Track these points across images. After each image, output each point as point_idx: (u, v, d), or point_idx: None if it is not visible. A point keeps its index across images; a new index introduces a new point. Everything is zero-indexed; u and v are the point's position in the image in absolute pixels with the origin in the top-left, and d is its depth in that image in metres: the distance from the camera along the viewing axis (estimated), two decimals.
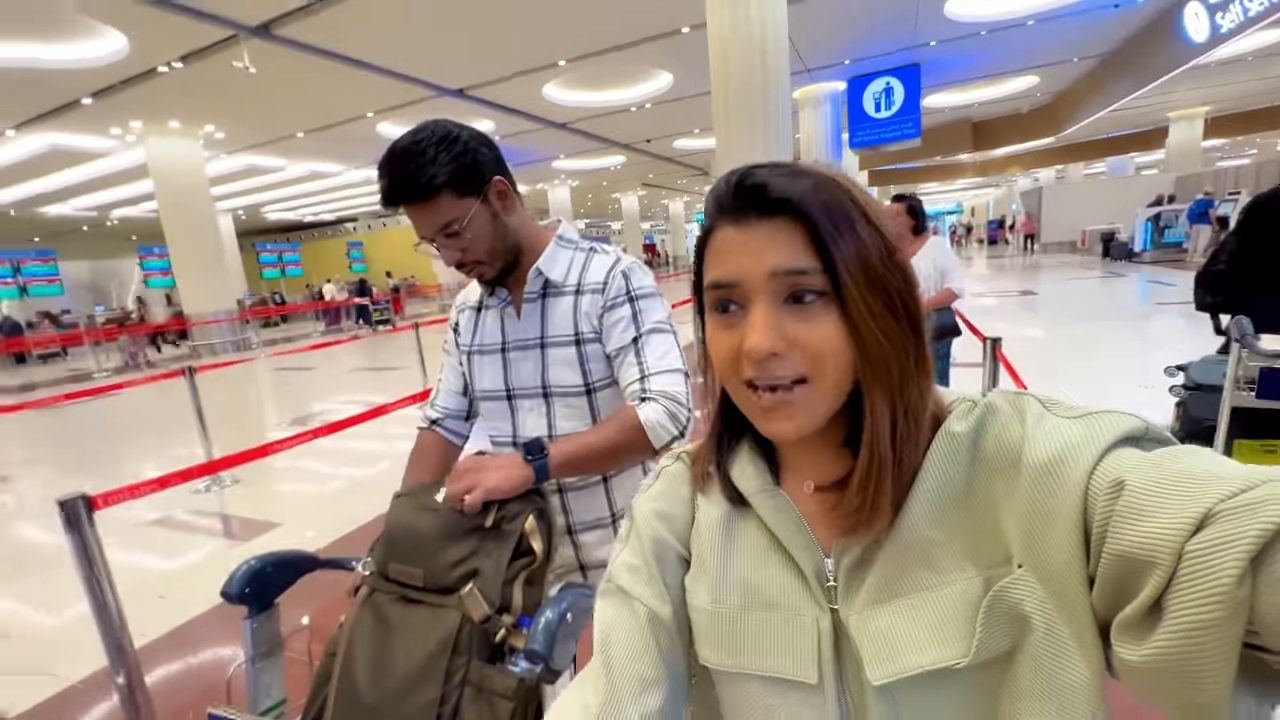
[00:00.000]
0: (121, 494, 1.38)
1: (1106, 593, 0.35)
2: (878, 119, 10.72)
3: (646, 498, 0.56)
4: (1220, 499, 0.30)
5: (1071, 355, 5.43)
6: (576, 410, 1.01)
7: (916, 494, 0.43)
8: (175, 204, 10.52)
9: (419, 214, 0.89)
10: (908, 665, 0.41)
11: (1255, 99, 16.01)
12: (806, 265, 0.41)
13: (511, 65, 9.01)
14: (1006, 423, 0.42)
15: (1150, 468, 0.34)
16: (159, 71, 7.74)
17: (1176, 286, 9.07)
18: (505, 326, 1.04)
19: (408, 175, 0.87)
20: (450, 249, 0.92)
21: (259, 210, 20.27)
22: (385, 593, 0.86)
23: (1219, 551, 0.29)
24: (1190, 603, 0.30)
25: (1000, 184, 32.01)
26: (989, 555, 0.41)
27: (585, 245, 1.06)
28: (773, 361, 0.42)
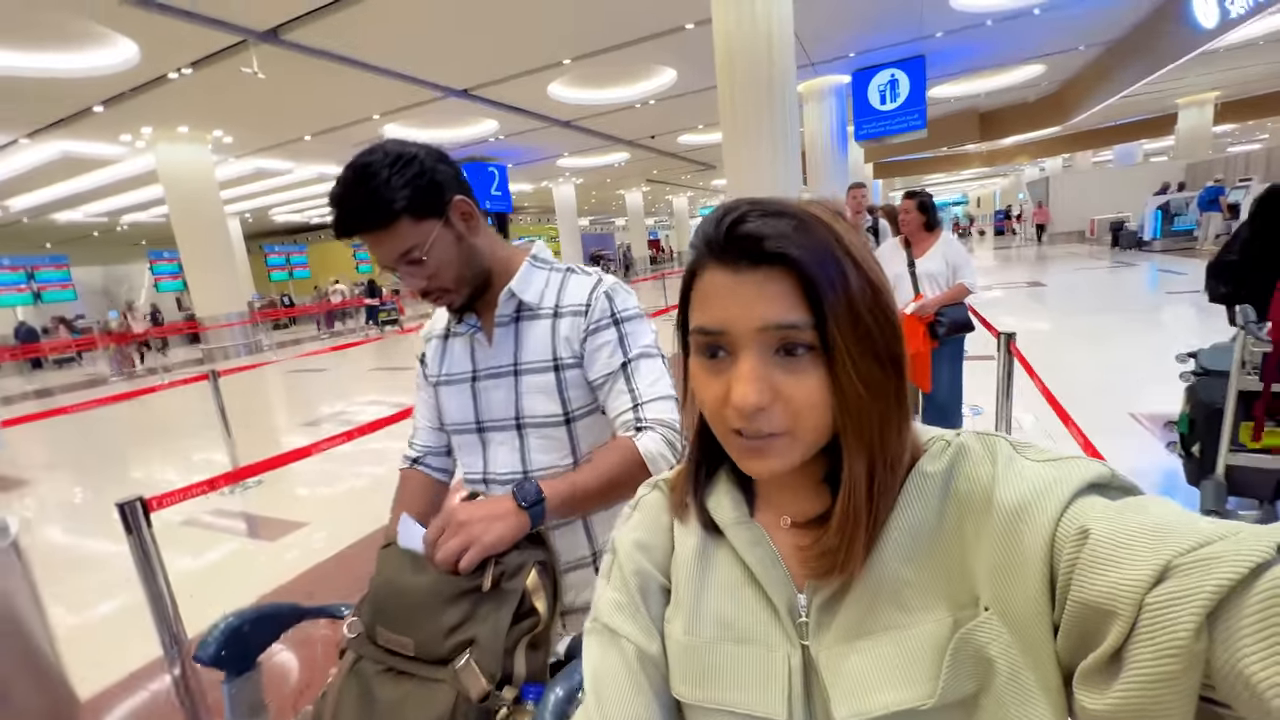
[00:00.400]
0: (174, 495, 1.44)
1: (1070, 640, 0.36)
2: (883, 111, 10.69)
3: (627, 529, 0.55)
4: (1178, 553, 0.31)
5: (1080, 347, 5.43)
6: (553, 442, 0.94)
7: (889, 533, 0.43)
8: (185, 208, 10.64)
9: (376, 243, 0.83)
10: (874, 705, 0.41)
11: (1266, 83, 15.82)
12: (798, 320, 0.41)
13: (516, 65, 9.04)
14: (977, 463, 0.43)
15: (1115, 517, 0.35)
16: (169, 78, 7.82)
17: (1188, 275, 9.03)
18: (475, 354, 0.97)
19: (360, 202, 0.81)
20: (414, 277, 0.86)
21: (266, 213, 20.44)
22: (372, 660, 0.76)
23: (1176, 606, 0.30)
24: (1149, 655, 0.30)
25: (1007, 174, 31.79)
26: (958, 596, 0.41)
27: (561, 266, 1.00)
28: (758, 415, 0.42)
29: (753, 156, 6.08)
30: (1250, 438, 2.13)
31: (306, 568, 2.77)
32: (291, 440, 5.18)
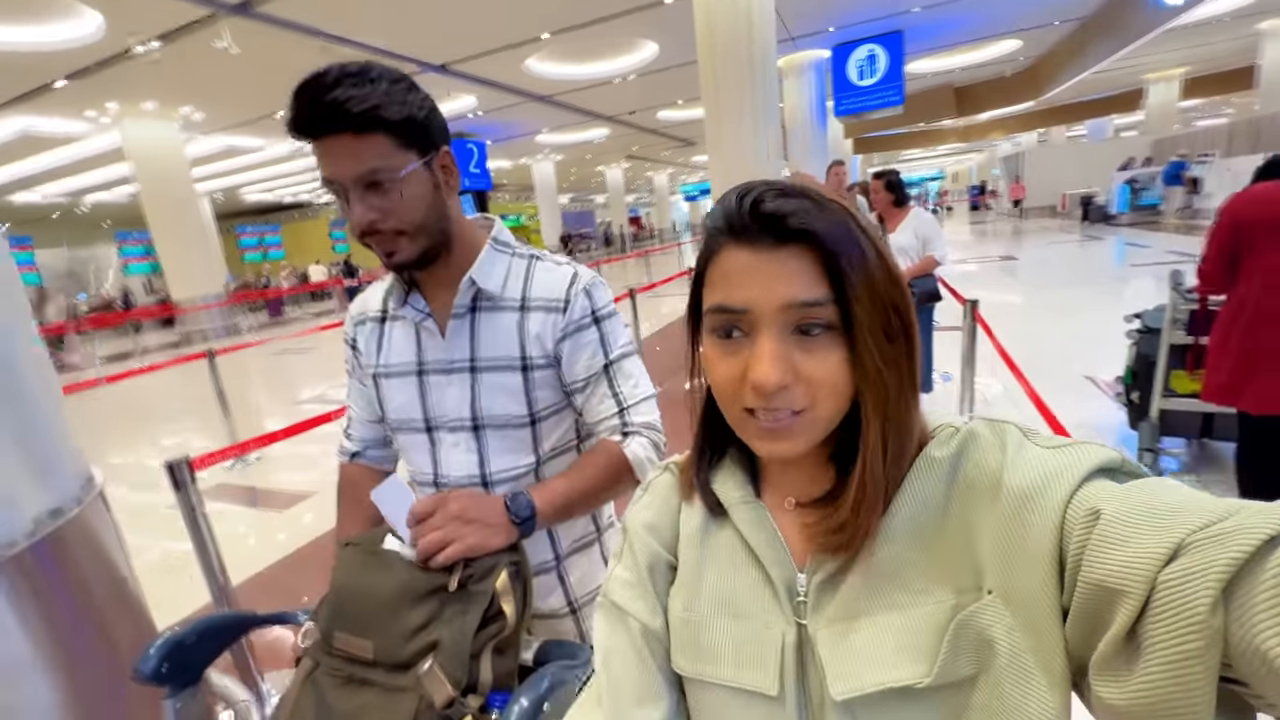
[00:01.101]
0: (215, 456, 1.54)
1: (1081, 624, 0.35)
2: (862, 86, 10.77)
3: (638, 509, 0.57)
4: (1191, 530, 0.31)
5: (1047, 317, 5.70)
6: (516, 442, 0.87)
7: (894, 515, 0.43)
8: (156, 187, 10.37)
9: (338, 148, 0.71)
10: (869, 681, 0.41)
11: (1231, 59, 16.20)
12: (820, 296, 0.41)
13: (495, 39, 8.92)
14: (987, 449, 0.43)
15: (1125, 498, 0.35)
16: (136, 52, 7.58)
17: (1151, 248, 9.38)
18: (422, 344, 0.87)
19: (345, 94, 0.69)
20: (367, 207, 0.73)
21: (237, 192, 19.90)
22: (329, 669, 0.72)
23: (1191, 581, 0.30)
24: (1167, 634, 0.30)
25: (983, 149, 32.16)
26: (960, 579, 0.41)
27: (524, 252, 0.90)
28: (778, 393, 0.42)
29: (735, 131, 6.16)
30: (1185, 383, 2.46)
31: (318, 534, 2.90)
32: (287, 418, 5.23)
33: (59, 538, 0.87)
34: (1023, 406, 3.26)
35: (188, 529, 1.33)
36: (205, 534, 1.37)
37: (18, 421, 0.85)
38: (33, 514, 0.85)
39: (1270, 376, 1.97)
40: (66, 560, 0.88)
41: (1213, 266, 2.10)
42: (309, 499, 3.32)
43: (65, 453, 0.97)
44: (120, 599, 1.01)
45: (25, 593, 0.80)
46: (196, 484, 1.32)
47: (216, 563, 1.40)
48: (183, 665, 0.83)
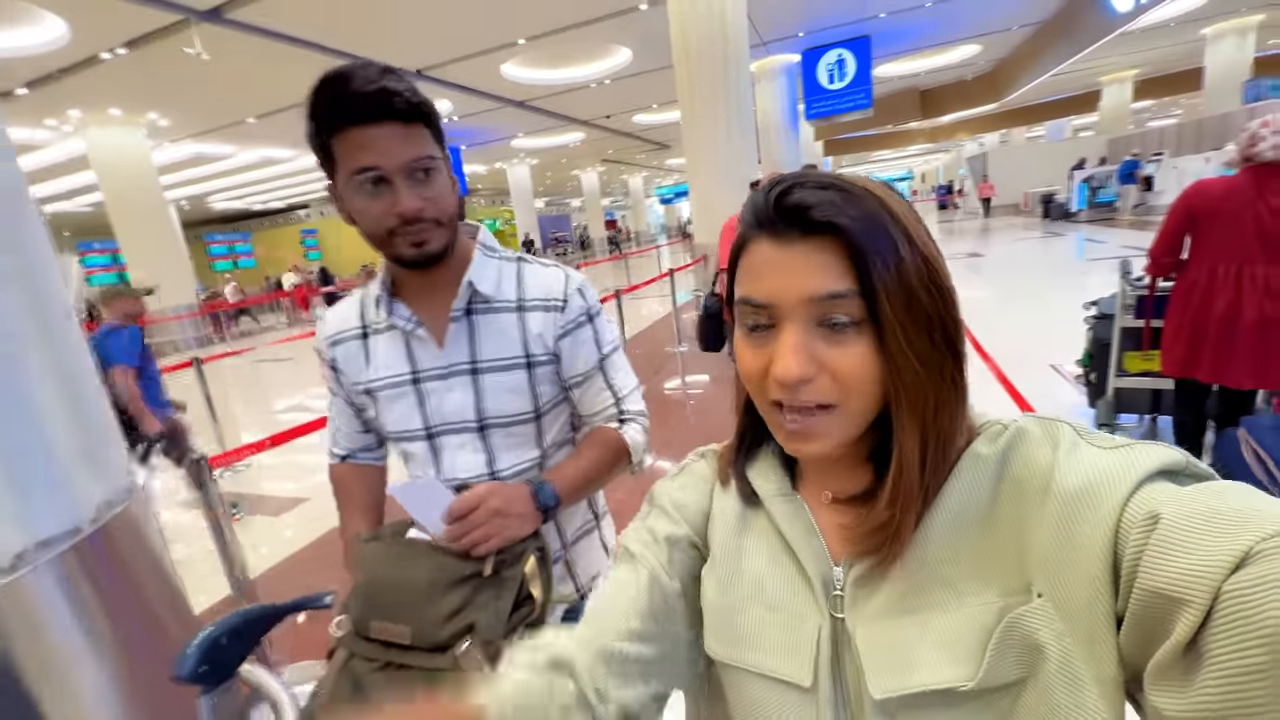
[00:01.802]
0: (230, 456, 1.59)
1: (1137, 633, 0.34)
2: (832, 90, 11.05)
3: (669, 485, 0.57)
4: (1262, 537, 0.29)
5: (1012, 311, 5.95)
6: (522, 438, 0.89)
7: (937, 513, 0.42)
8: (122, 196, 10.13)
9: (387, 136, 0.72)
10: (912, 682, 0.40)
11: (1179, 62, 16.97)
12: (844, 289, 0.40)
13: (469, 45, 8.95)
14: (1036, 448, 0.41)
15: (1187, 502, 0.33)
16: (101, 58, 7.44)
17: (1108, 243, 9.80)
18: (414, 352, 0.87)
19: (391, 86, 0.71)
20: (415, 193, 0.75)
21: (204, 200, 19.47)
22: (364, 656, 0.73)
23: (1260, 591, 0.28)
24: (1232, 646, 0.28)
25: (949, 149, 33.02)
26: (1008, 581, 0.40)
27: (510, 255, 0.93)
28: (801, 386, 0.41)
29: (710, 134, 6.31)
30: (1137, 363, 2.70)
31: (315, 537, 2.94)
32: (267, 427, 5.19)
33: (113, 528, 0.91)
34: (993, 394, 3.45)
35: (209, 525, 1.38)
36: (225, 529, 1.42)
37: (73, 411, 0.91)
38: (94, 502, 0.91)
39: (1219, 351, 2.17)
40: (119, 551, 0.93)
41: (1160, 248, 2.31)
42: (302, 505, 3.34)
43: (114, 445, 1.02)
44: (166, 590, 1.06)
45: (86, 581, 0.86)
46: (217, 482, 1.38)
47: (238, 554, 1.45)
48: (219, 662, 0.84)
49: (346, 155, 0.74)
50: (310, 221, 24.29)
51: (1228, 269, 2.14)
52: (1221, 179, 2.21)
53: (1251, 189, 2.07)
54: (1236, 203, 2.10)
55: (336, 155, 0.74)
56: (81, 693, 0.86)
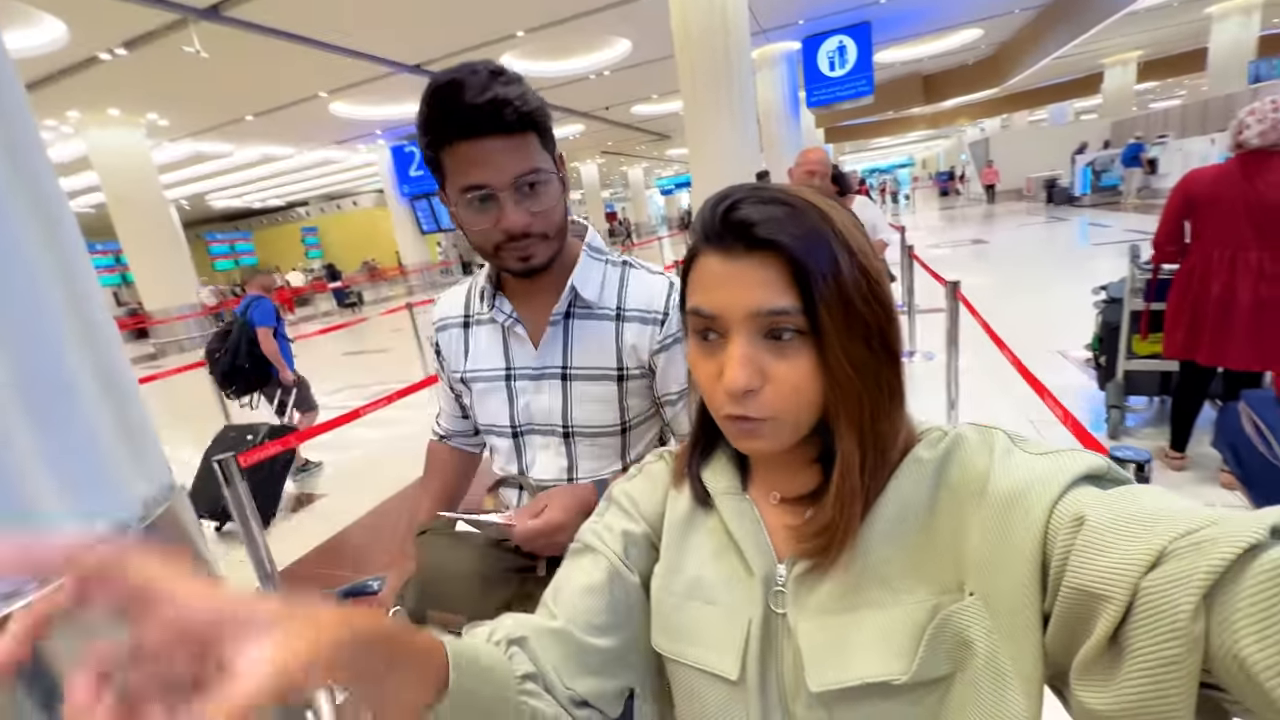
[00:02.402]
0: (255, 452, 1.62)
1: (1063, 630, 0.36)
2: (832, 78, 10.98)
3: (626, 485, 0.59)
4: (1173, 537, 0.31)
5: (1017, 297, 5.94)
6: (606, 449, 0.87)
7: (877, 514, 0.44)
8: (124, 196, 10.13)
9: (494, 149, 0.70)
10: (849, 675, 0.42)
11: (1183, 42, 16.81)
12: (787, 305, 0.41)
13: (469, 38, 8.90)
14: (974, 453, 0.44)
15: (1110, 505, 0.35)
16: (100, 59, 7.43)
17: (1112, 227, 9.75)
18: (510, 349, 0.86)
19: (500, 95, 0.68)
20: (522, 209, 0.73)
21: (204, 199, 19.47)
22: None
23: (1173, 588, 0.30)
24: (1149, 640, 0.30)
25: (950, 135, 32.82)
26: (942, 580, 0.42)
27: (616, 259, 0.89)
28: (747, 397, 0.43)
29: (714, 123, 6.29)
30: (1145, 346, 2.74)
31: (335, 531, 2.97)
32: None
33: (159, 525, 0.94)
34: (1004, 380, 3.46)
35: (238, 521, 1.40)
36: (253, 523, 1.45)
37: (116, 407, 0.92)
38: (142, 499, 0.93)
39: (1216, 333, 2.23)
40: (164, 546, 0.96)
41: (1162, 236, 2.38)
42: (320, 500, 3.38)
43: (154, 442, 1.04)
44: None
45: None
46: (245, 479, 1.40)
47: (265, 553, 1.48)
48: None
49: (455, 170, 0.72)
50: (311, 219, 24.28)
51: (1222, 254, 2.21)
52: (1214, 166, 2.27)
53: (1241, 175, 2.14)
54: (1228, 189, 2.16)
55: (446, 168, 0.73)
56: None
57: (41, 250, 0.86)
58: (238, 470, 1.37)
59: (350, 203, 23.40)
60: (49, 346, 0.80)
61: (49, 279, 0.84)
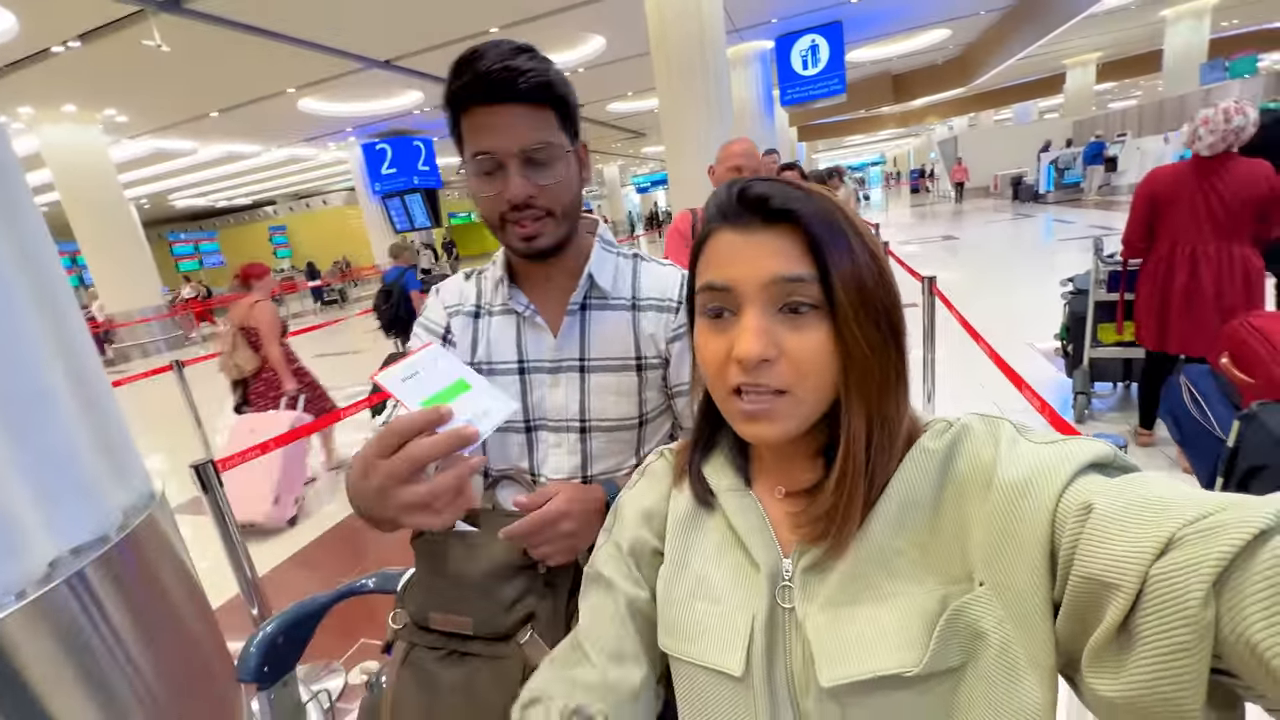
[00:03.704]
0: (234, 459, 1.57)
1: (1073, 618, 0.36)
2: (806, 76, 11.10)
3: (631, 495, 0.59)
4: (1182, 524, 0.31)
5: (987, 291, 6.09)
6: (621, 444, 0.84)
7: (883, 504, 0.44)
8: (80, 196, 9.75)
9: (507, 117, 0.70)
10: (861, 669, 0.41)
11: (1139, 44, 17.37)
12: (804, 273, 0.42)
13: (441, 34, 8.77)
14: (980, 444, 0.43)
15: (1117, 493, 0.35)
16: (53, 52, 7.12)
17: (1075, 223, 10.07)
18: (524, 341, 0.83)
19: (520, 65, 0.68)
20: (526, 180, 0.72)
21: (165, 198, 18.83)
22: (427, 647, 0.74)
23: (1182, 575, 0.30)
24: (1159, 627, 0.30)
25: (919, 133, 33.43)
26: (951, 571, 0.42)
27: (627, 251, 0.90)
28: (761, 368, 0.43)
29: (690, 121, 6.30)
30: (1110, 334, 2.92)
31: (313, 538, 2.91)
32: None
33: (138, 535, 0.91)
34: (977, 372, 3.54)
35: (217, 529, 1.37)
36: (234, 533, 1.41)
37: (92, 414, 0.89)
38: (121, 508, 0.90)
39: (1183, 323, 2.39)
40: (146, 558, 0.92)
41: (1131, 234, 2.54)
42: None
43: (132, 449, 1.01)
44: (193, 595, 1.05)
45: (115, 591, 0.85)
46: (223, 486, 1.36)
47: (245, 559, 1.44)
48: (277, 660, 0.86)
49: (469, 136, 0.72)
50: (279, 218, 23.67)
51: (1184, 248, 2.36)
52: (1173, 166, 2.42)
53: (1197, 176, 2.29)
54: (1186, 188, 2.32)
55: (463, 136, 0.73)
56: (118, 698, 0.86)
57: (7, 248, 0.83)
58: (216, 476, 1.33)
59: (320, 201, 22.86)
60: (22, 352, 0.77)
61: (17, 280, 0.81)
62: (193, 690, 0.91)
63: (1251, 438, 1.42)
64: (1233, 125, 2.18)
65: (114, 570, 0.83)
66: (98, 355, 0.94)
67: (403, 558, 0.80)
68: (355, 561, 2.65)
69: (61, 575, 0.75)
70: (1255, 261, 2.29)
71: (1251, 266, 2.28)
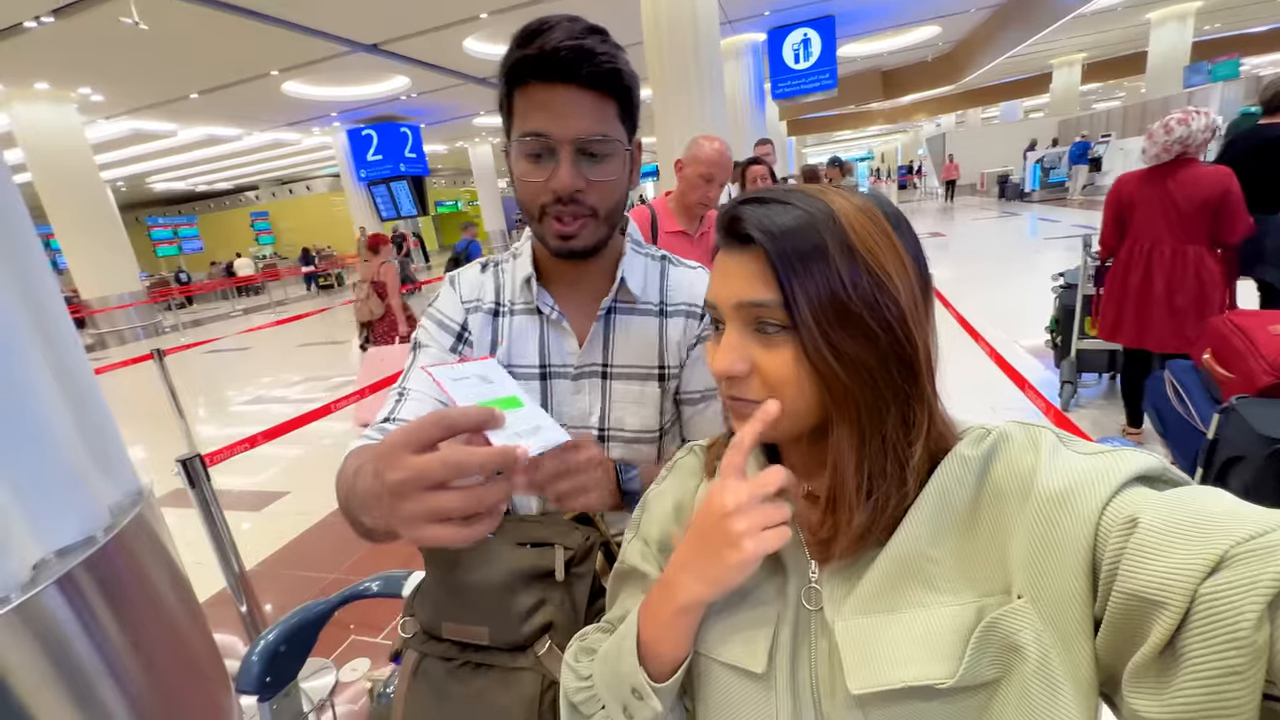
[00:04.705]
0: (222, 452, 1.53)
1: (1115, 635, 0.34)
2: (797, 70, 11.07)
3: (658, 491, 0.59)
4: (1236, 541, 0.30)
5: (975, 289, 6.15)
6: (639, 456, 0.80)
7: (916, 511, 0.43)
8: (54, 177, 9.46)
9: (569, 100, 0.64)
10: (891, 678, 0.40)
11: (1124, 45, 17.60)
12: (766, 299, 0.43)
13: (430, 18, 8.61)
14: (1019, 452, 0.42)
15: (1165, 506, 0.33)
16: (25, 27, 6.87)
17: (1060, 222, 10.19)
18: (547, 344, 0.79)
19: (591, 46, 0.63)
20: (577, 170, 0.66)
21: (143, 180, 18.36)
22: (439, 657, 0.71)
23: (1236, 594, 0.28)
24: (1208, 649, 0.29)
25: (908, 130, 33.62)
26: (988, 582, 0.40)
27: (656, 253, 0.85)
28: (736, 382, 0.45)
29: (684, 114, 6.26)
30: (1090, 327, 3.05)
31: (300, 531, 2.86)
32: (240, 418, 5.00)
33: (127, 535, 0.88)
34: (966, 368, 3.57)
35: (204, 524, 1.33)
36: (221, 528, 1.37)
37: (78, 411, 0.86)
38: (108, 506, 0.87)
39: (1136, 318, 2.53)
40: (135, 559, 0.89)
41: (1106, 235, 2.70)
42: (283, 498, 3.24)
43: (119, 443, 0.98)
44: (182, 594, 1.03)
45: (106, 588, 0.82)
46: (210, 480, 1.32)
47: (233, 554, 1.40)
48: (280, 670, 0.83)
49: (522, 112, 0.66)
50: (261, 203, 23.21)
51: (1143, 247, 2.51)
52: (1138, 171, 2.55)
53: (1157, 180, 2.44)
54: (1148, 190, 2.46)
55: (515, 110, 0.67)
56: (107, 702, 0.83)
57: None
58: (203, 469, 1.29)
59: (303, 187, 22.45)
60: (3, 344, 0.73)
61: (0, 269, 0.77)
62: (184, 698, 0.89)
63: (1230, 430, 1.49)
64: (1174, 136, 2.29)
65: (102, 573, 0.79)
66: (81, 345, 0.90)
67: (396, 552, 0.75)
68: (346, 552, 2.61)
69: (47, 579, 0.71)
70: (1209, 262, 2.41)
71: (1204, 267, 2.40)
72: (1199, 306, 2.37)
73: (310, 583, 2.43)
